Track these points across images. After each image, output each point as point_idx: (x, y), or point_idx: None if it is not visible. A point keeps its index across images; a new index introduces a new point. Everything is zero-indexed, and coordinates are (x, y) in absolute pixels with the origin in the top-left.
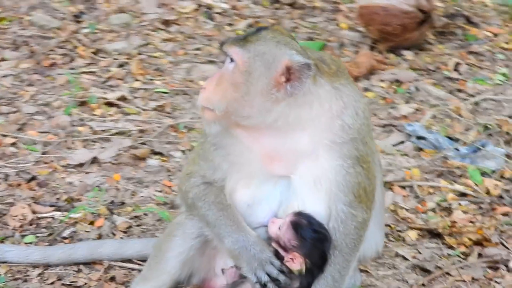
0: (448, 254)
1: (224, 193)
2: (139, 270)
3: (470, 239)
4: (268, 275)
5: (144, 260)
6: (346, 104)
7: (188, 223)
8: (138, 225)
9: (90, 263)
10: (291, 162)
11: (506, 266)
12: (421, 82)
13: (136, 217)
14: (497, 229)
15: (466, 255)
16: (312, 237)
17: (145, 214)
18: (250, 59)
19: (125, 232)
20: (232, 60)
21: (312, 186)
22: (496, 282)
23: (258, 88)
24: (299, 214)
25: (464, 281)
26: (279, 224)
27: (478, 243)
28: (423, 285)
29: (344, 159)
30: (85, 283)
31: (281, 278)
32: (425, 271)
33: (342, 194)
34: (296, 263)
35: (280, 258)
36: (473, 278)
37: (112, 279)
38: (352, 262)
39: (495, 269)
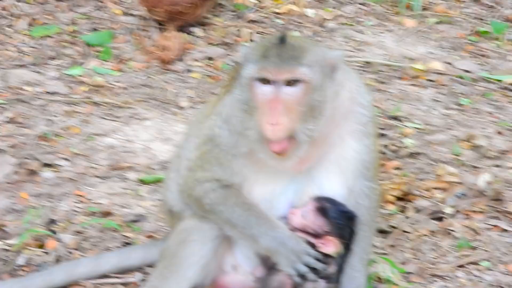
0: (388, 213)
1: (243, 193)
2: (124, 284)
3: (394, 196)
4: (307, 266)
5: (122, 273)
6: (356, 81)
7: (205, 226)
8: (84, 240)
9: (67, 287)
10: (317, 157)
11: (444, 214)
12: (232, 56)
13: (78, 232)
14: (407, 183)
15: (402, 211)
16: (342, 217)
17: (84, 228)
18: (315, 74)
19: (76, 249)
20: (293, 82)
21: (335, 170)
22: (451, 230)
23: (328, 97)
24: (319, 199)
25: (425, 235)
26: (300, 213)
27: (401, 198)
28: (392, 246)
29: (368, 138)
30: None
31: (319, 266)
32: (384, 232)
33: (366, 171)
34: (332, 246)
35: (311, 246)
36: (430, 231)
37: None
38: (374, 233)
39: (439, 219)
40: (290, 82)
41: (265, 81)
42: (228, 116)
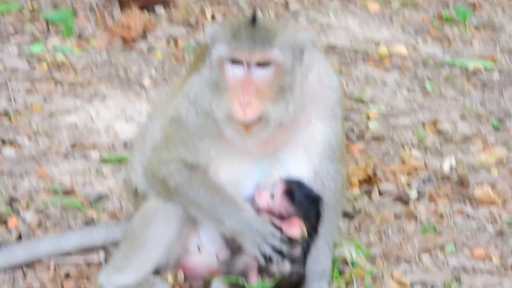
0: (353, 196)
1: (209, 174)
2: (86, 263)
3: (358, 179)
4: (272, 247)
5: (85, 252)
6: (324, 64)
7: (170, 207)
8: (46, 218)
9: (29, 265)
10: (284, 139)
11: (409, 197)
12: (195, 36)
13: (40, 210)
14: (371, 167)
15: (367, 195)
16: (308, 200)
17: (46, 206)
18: (286, 56)
19: (38, 227)
20: (264, 64)
21: (301, 153)
22: (416, 214)
23: (298, 79)
24: (288, 181)
25: (390, 218)
26: (267, 194)
27: (366, 182)
28: (357, 229)
29: (335, 120)
30: (41, 283)
31: (284, 248)
32: (348, 215)
33: (333, 153)
34: (297, 229)
35: (277, 228)
36: (395, 215)
37: (68, 276)
38: (340, 215)
39: (404, 203)
40: (262, 64)
41: (236, 62)
42: (195, 96)
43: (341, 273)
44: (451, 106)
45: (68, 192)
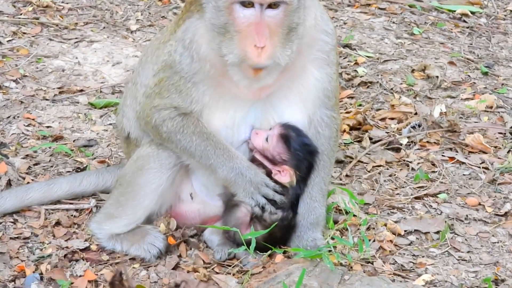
0: (343, 143)
1: (201, 121)
2: (77, 210)
3: (348, 125)
4: (265, 197)
5: (76, 199)
6: (320, 8)
7: (163, 154)
8: (35, 164)
9: (19, 212)
10: (279, 85)
11: (401, 144)
12: None
13: (29, 156)
14: (361, 113)
15: (358, 141)
16: (303, 150)
17: (35, 152)
18: None
19: (28, 174)
20: (275, 5)
21: (295, 98)
22: (408, 161)
23: (302, 20)
24: (286, 126)
25: (381, 165)
26: (264, 135)
27: (356, 128)
28: (349, 176)
29: (330, 66)
30: (32, 233)
31: (277, 197)
32: (340, 162)
33: (327, 100)
34: (286, 175)
35: (267, 173)
36: (387, 162)
37: (58, 223)
38: (333, 163)
39: (395, 150)
40: (272, 5)
41: (248, 4)
42: (190, 41)
43: (335, 222)
44: (439, 52)
45: (57, 138)
